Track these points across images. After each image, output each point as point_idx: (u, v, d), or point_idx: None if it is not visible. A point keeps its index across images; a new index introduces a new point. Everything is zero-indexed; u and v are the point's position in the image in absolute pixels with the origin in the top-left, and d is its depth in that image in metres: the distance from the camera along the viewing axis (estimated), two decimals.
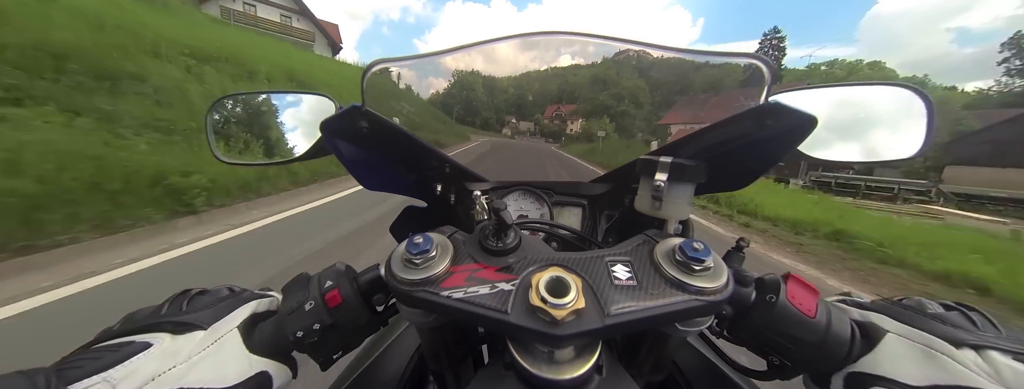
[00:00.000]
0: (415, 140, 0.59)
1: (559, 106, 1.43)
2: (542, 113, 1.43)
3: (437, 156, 0.66)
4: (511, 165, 1.16)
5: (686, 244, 0.34)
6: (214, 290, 0.40)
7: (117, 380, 0.28)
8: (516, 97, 1.30)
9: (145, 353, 0.30)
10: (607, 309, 0.30)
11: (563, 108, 1.45)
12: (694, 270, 0.33)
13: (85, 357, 0.29)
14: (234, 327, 0.36)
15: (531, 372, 0.32)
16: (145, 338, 0.32)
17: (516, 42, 0.53)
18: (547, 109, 1.43)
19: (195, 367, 0.31)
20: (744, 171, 0.48)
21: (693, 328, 0.37)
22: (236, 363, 0.34)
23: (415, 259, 0.34)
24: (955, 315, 0.34)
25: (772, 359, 0.40)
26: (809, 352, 0.36)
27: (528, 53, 0.73)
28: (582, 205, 0.75)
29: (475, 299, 0.32)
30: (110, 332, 0.33)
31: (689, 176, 0.42)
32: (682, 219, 0.43)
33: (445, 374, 0.51)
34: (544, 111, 1.43)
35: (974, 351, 0.30)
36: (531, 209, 0.76)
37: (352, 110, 0.47)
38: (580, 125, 1.46)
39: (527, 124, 1.46)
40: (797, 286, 0.39)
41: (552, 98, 1.35)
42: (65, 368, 0.28)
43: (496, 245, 0.36)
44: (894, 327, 0.34)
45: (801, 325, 0.36)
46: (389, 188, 0.65)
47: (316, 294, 0.40)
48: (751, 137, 0.45)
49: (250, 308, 0.38)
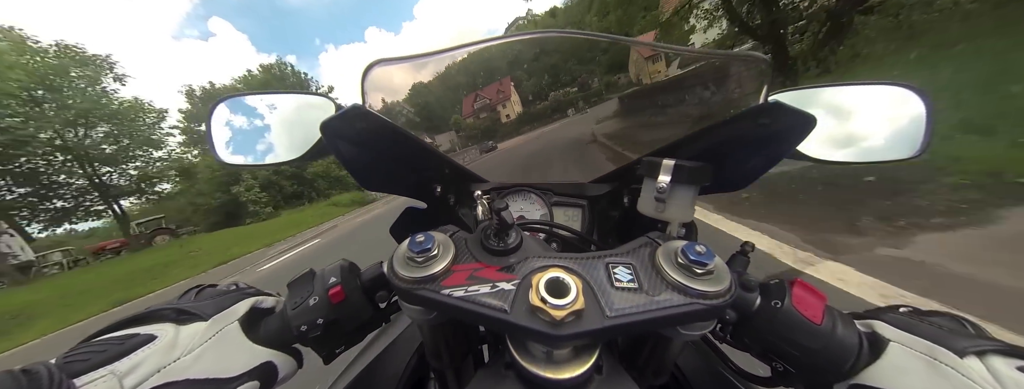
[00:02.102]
0: (415, 141, 0.59)
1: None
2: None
3: (437, 157, 0.67)
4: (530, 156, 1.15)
5: (689, 247, 0.34)
6: (222, 285, 0.42)
7: (123, 373, 0.28)
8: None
9: (149, 345, 0.31)
10: (607, 310, 0.30)
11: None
12: (697, 274, 0.32)
13: (90, 350, 0.30)
14: (235, 319, 0.37)
15: (530, 371, 0.32)
16: (149, 329, 0.32)
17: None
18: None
19: (199, 358, 0.32)
20: (744, 171, 0.48)
21: (695, 332, 0.36)
22: (240, 354, 0.35)
23: (417, 257, 0.34)
24: (949, 321, 0.34)
25: (776, 365, 0.40)
26: (814, 359, 0.36)
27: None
28: (582, 206, 0.75)
29: (475, 298, 0.32)
30: (116, 323, 0.34)
31: (693, 178, 0.41)
32: (685, 221, 0.43)
33: (445, 372, 0.51)
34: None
35: (978, 358, 0.30)
36: (531, 209, 0.76)
37: (352, 111, 0.47)
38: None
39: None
40: (803, 292, 0.38)
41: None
42: (70, 361, 0.28)
43: (497, 245, 0.37)
44: (896, 335, 0.34)
45: (806, 332, 0.36)
46: (389, 189, 0.66)
47: (320, 289, 0.41)
48: (751, 137, 0.45)
49: (251, 303, 0.40)
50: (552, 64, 1.31)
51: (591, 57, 1.27)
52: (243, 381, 0.34)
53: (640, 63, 1.01)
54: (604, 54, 1.21)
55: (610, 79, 1.25)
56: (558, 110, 1.35)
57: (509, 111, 1.25)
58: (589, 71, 1.31)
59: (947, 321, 0.35)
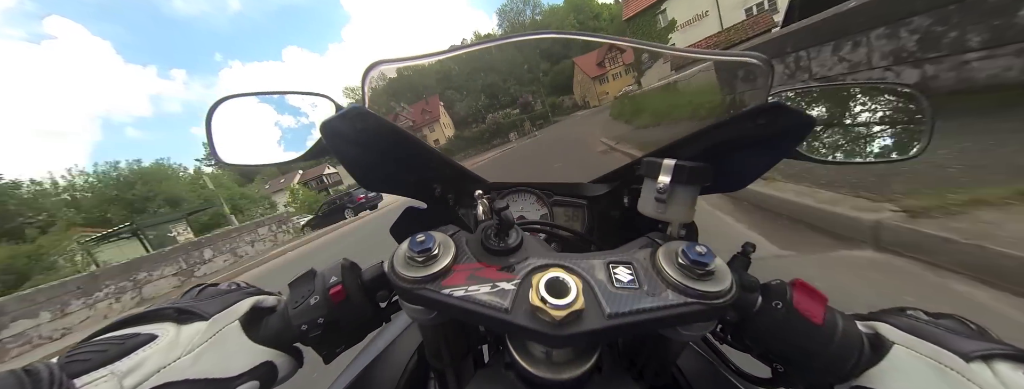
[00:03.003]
0: (415, 141, 0.59)
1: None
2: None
3: (437, 157, 0.67)
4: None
5: (689, 247, 0.34)
6: (223, 285, 0.42)
7: (123, 372, 0.28)
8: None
9: (150, 345, 0.31)
10: (607, 311, 0.30)
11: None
12: (697, 274, 0.32)
13: (90, 349, 0.29)
14: (235, 319, 0.36)
15: (530, 372, 0.32)
16: (150, 329, 0.32)
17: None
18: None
19: (200, 358, 0.32)
20: (743, 172, 0.48)
21: (696, 333, 0.36)
22: (240, 353, 0.35)
23: (418, 257, 0.34)
24: (954, 324, 0.34)
25: (776, 367, 0.40)
26: (814, 360, 0.36)
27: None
28: (582, 206, 0.75)
29: (476, 298, 0.32)
30: (117, 322, 0.34)
31: (693, 178, 0.41)
32: (686, 222, 0.43)
33: (446, 372, 0.51)
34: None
35: (983, 363, 0.29)
36: (531, 209, 0.76)
37: (352, 111, 0.47)
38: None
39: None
40: (804, 292, 0.38)
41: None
42: (70, 361, 0.28)
43: (498, 245, 0.37)
44: (899, 338, 0.33)
45: (807, 333, 0.36)
46: (389, 189, 0.66)
47: (321, 289, 0.41)
48: (751, 137, 0.45)
49: (252, 302, 0.39)
50: (489, 83, 1.29)
51: (532, 78, 1.25)
52: (243, 381, 0.34)
53: (585, 83, 1.00)
54: (545, 75, 1.20)
55: (554, 100, 1.23)
56: (498, 134, 1.32)
57: (438, 135, 1.21)
58: (532, 91, 1.29)
59: (953, 324, 0.34)
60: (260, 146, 0.65)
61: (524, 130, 1.10)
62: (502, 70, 1.02)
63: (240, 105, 0.65)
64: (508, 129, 1.12)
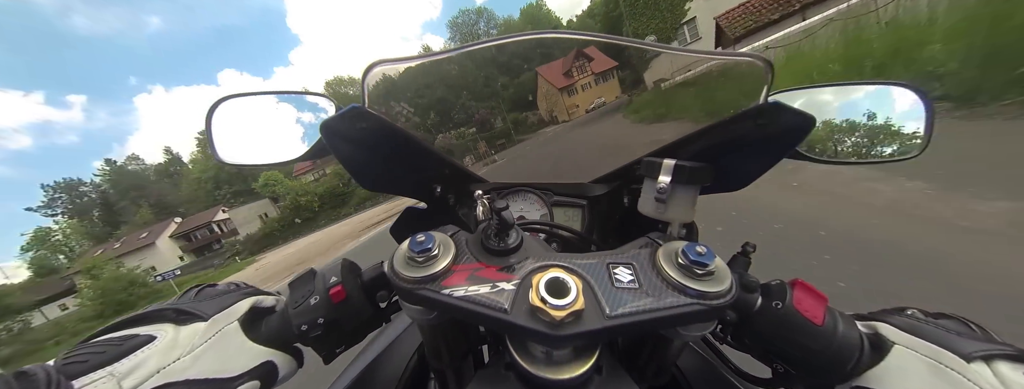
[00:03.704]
0: (415, 141, 0.59)
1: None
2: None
3: (437, 157, 0.67)
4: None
5: (689, 248, 0.34)
6: (222, 285, 0.42)
7: (122, 374, 0.28)
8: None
9: (149, 346, 0.31)
10: (607, 311, 0.30)
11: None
12: (697, 274, 0.32)
13: (89, 351, 0.29)
14: (235, 319, 0.36)
15: (530, 372, 0.32)
16: (149, 330, 0.32)
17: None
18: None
19: (199, 359, 0.32)
20: (744, 171, 0.48)
21: (696, 333, 0.36)
22: (240, 354, 0.35)
23: (418, 257, 0.34)
24: (955, 324, 0.34)
25: (777, 367, 0.40)
26: (815, 361, 0.36)
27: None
28: (582, 206, 0.75)
29: (475, 298, 0.32)
30: (116, 323, 0.33)
31: (693, 178, 0.41)
32: (686, 222, 0.43)
33: (446, 372, 0.51)
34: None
35: (984, 363, 0.29)
36: (531, 210, 0.76)
37: (352, 111, 0.47)
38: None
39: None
40: (804, 292, 0.38)
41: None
42: (68, 363, 0.28)
43: (498, 245, 0.37)
44: (900, 338, 0.33)
45: (807, 333, 0.36)
46: (389, 189, 0.66)
47: (321, 289, 0.41)
48: (751, 137, 0.45)
49: (251, 302, 0.39)
50: (438, 98, 1.24)
51: (490, 92, 1.21)
52: (243, 381, 0.34)
53: (552, 95, 0.98)
54: (506, 90, 1.17)
55: (517, 116, 1.19)
56: (449, 154, 1.30)
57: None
58: (490, 108, 1.25)
59: (954, 324, 0.34)
60: (260, 146, 0.65)
61: (480, 153, 1.04)
62: (455, 84, 0.97)
63: (240, 105, 0.65)
64: (462, 152, 1.07)
